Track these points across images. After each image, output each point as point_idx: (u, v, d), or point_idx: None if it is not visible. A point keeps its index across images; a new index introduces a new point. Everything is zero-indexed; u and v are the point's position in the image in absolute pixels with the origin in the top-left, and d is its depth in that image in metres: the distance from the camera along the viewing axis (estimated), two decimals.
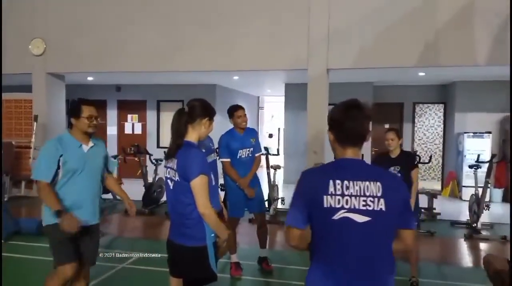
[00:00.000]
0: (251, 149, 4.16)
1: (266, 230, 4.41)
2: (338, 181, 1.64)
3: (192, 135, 2.31)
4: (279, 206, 7.32)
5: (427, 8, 6.57)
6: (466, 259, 5.33)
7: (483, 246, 5.67)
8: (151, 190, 7.16)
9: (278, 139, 15.14)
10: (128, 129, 11.20)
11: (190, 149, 2.24)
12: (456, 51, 6.51)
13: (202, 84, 10.11)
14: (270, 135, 16.05)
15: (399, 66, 7.00)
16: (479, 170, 6.33)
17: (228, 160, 4.10)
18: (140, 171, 7.45)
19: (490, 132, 8.66)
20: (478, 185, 6.23)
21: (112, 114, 11.24)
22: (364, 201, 1.62)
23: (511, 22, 5.27)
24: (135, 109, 11.05)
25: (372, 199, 1.62)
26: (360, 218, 1.61)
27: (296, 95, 9.89)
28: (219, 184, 4.12)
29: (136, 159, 7.75)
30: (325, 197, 1.63)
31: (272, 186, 6.96)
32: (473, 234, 5.88)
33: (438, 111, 11.12)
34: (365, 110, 1.73)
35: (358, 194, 1.62)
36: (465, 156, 8.50)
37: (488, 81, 8.72)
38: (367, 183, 1.63)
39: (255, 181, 4.28)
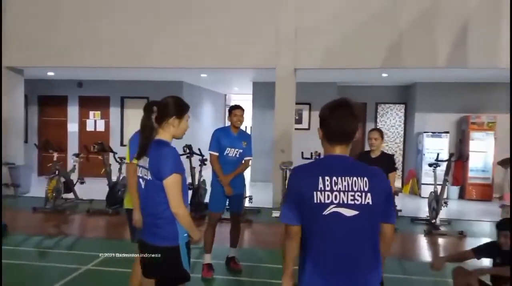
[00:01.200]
0: (241, 150, 4.18)
1: (239, 230, 4.47)
2: (327, 177, 1.70)
3: (164, 134, 2.26)
4: (247, 204, 7.33)
5: (392, 11, 6.79)
6: (426, 254, 5.56)
7: (441, 241, 5.93)
8: (115, 189, 6.98)
9: None
10: (90, 127, 10.85)
11: (163, 147, 2.19)
12: (418, 53, 6.78)
13: (168, 81, 9.95)
14: None
15: (364, 67, 7.19)
16: (437, 168, 6.61)
17: (216, 153, 4.13)
18: (103, 169, 7.24)
19: (448, 132, 9.06)
20: (437, 183, 6.51)
21: (73, 111, 10.85)
22: (352, 195, 1.69)
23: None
24: (97, 105, 10.71)
25: (359, 194, 1.69)
26: (348, 212, 1.68)
27: (263, 94, 9.94)
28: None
29: (99, 157, 7.53)
30: (315, 193, 1.69)
31: None
32: (432, 230, 6.14)
33: (399, 111, 11.50)
34: (353, 110, 1.77)
35: (346, 189, 1.69)
36: (424, 154, 8.86)
37: (447, 83, 9.12)
38: (355, 178, 1.70)
39: (241, 182, 4.34)
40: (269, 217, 6.88)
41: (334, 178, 1.70)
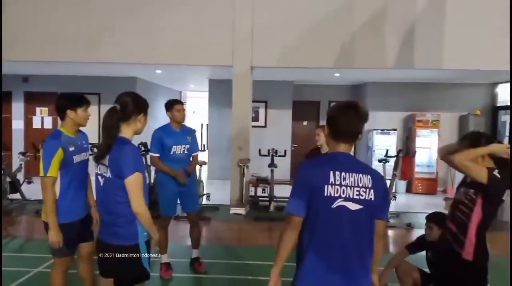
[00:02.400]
0: (187, 146, 4.05)
1: (200, 230, 4.34)
2: (337, 172, 1.82)
3: (126, 132, 2.23)
4: (204, 201, 7.33)
5: (344, 13, 7.02)
6: None
7: (391, 233, 6.25)
8: None
9: (201, 136, 15.08)
10: (36, 124, 10.31)
11: (124, 145, 2.16)
12: (368, 54, 7.05)
13: (121, 76, 9.67)
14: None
15: (317, 67, 7.38)
16: (387, 163, 6.94)
17: (157, 154, 3.98)
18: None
19: (395, 130, 9.53)
20: (386, 178, 6.83)
21: (18, 107, 10.26)
22: (357, 191, 1.82)
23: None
24: (45, 102, 10.19)
25: (364, 190, 1.83)
26: (353, 206, 1.81)
27: (220, 91, 9.94)
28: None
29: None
30: (326, 186, 1.80)
31: (198, 182, 6.91)
32: None
33: None
34: (361, 112, 1.90)
35: (353, 184, 1.82)
36: (374, 151, 9.26)
37: (395, 82, 9.57)
38: (360, 175, 1.84)
39: (191, 179, 4.18)
40: (227, 214, 6.91)
41: (343, 173, 1.83)
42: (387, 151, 7.45)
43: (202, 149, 7.86)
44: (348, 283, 1.83)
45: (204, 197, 7.22)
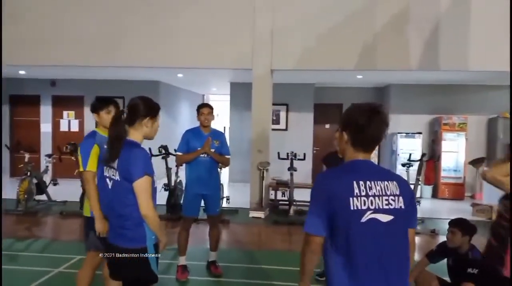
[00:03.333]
0: (214, 150, 4.08)
1: (219, 233, 4.37)
2: (361, 182, 1.63)
3: (135, 135, 2.23)
4: (224, 204, 7.33)
5: (366, 14, 6.90)
6: None
7: (416, 239, 6.07)
8: None
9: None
10: (64, 127, 10.61)
11: (133, 148, 2.16)
12: (391, 56, 6.91)
13: (144, 80, 9.84)
14: None
15: (338, 69, 7.28)
16: (410, 168, 6.76)
17: (181, 153, 4.06)
18: (77, 170, 7.08)
19: (420, 133, 9.28)
20: (410, 182, 6.65)
21: (46, 111, 10.59)
22: (386, 200, 1.63)
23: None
24: (71, 105, 10.49)
25: (393, 198, 1.64)
26: (385, 218, 1.62)
27: (241, 94, 9.95)
28: (162, 184, 4.08)
29: (72, 158, 7.37)
30: (351, 199, 1.60)
31: None
32: None
33: None
34: (386, 117, 1.71)
35: (381, 193, 1.63)
36: (398, 154, 9.05)
37: (419, 85, 9.34)
38: (386, 182, 1.66)
39: (216, 184, 4.26)
40: (246, 217, 6.89)
41: (368, 182, 1.63)
42: (409, 154, 7.27)
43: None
44: None
45: (224, 199, 7.22)
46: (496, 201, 2.62)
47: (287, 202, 7.23)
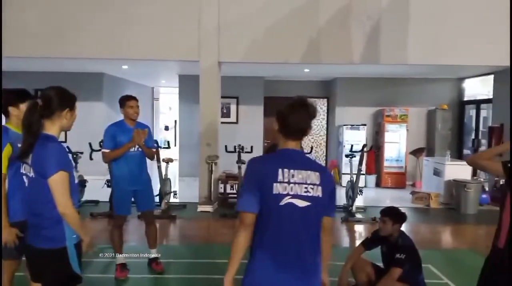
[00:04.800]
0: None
1: (155, 229, 4.21)
2: (286, 170, 1.82)
3: (51, 128, 2.11)
4: (172, 199, 7.22)
5: (311, 7, 6.99)
6: (342, 240, 5.86)
7: (357, 227, 6.30)
8: None
9: (175, 132, 14.86)
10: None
11: (48, 142, 2.05)
12: (335, 50, 7.06)
13: (88, 72, 9.44)
14: (166, 128, 15.68)
15: (285, 62, 7.35)
16: (353, 158, 6.98)
17: (108, 150, 3.85)
18: None
19: (365, 125, 9.60)
20: (353, 172, 6.88)
21: None
22: (305, 188, 1.82)
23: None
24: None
25: (312, 186, 1.83)
26: (301, 203, 1.81)
27: (190, 87, 9.77)
28: (105, 180, 3.93)
29: None
30: (274, 184, 1.79)
31: (164, 180, 6.82)
32: (348, 217, 6.49)
33: (322, 105, 11.93)
34: (310, 109, 1.90)
35: (301, 181, 1.82)
36: (344, 146, 9.30)
37: (364, 78, 9.64)
38: (309, 172, 1.84)
39: (146, 177, 4.06)
40: (195, 212, 6.83)
41: (292, 171, 1.82)
42: (351, 146, 7.51)
43: (167, 146, 7.73)
44: (298, 281, 1.82)
45: (171, 194, 7.10)
46: (433, 189, 2.78)
47: (236, 195, 7.24)
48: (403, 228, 3.48)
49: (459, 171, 7.38)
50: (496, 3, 6.77)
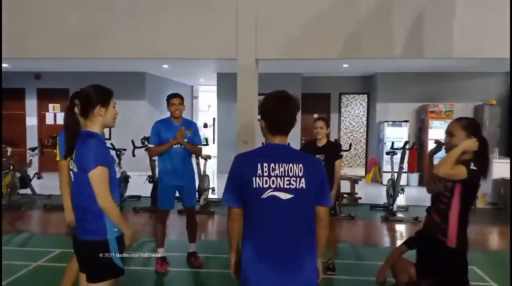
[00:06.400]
0: (187, 140, 4.03)
1: (196, 224, 4.32)
2: (265, 164, 1.85)
3: (92, 126, 2.19)
4: (210, 196, 7.32)
5: (350, 1, 6.84)
6: (382, 239, 5.72)
7: (398, 227, 6.12)
8: None
9: (213, 130, 15.08)
10: (49, 120, 10.51)
11: (89, 138, 2.12)
12: (375, 44, 6.84)
13: (131, 72, 9.75)
14: (205, 125, 15.92)
15: (323, 58, 7.23)
16: (395, 156, 6.77)
17: (153, 145, 4.00)
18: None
19: (407, 121, 9.30)
20: (394, 170, 6.68)
21: (31, 104, 10.48)
22: (288, 180, 1.83)
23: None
24: (56, 98, 10.38)
25: (294, 179, 1.84)
26: (284, 195, 1.83)
27: (227, 85, 9.89)
28: (147, 176, 4.06)
29: (55, 150, 7.32)
30: (254, 178, 1.83)
31: (203, 176, 6.93)
32: (389, 216, 6.31)
33: (362, 101, 11.71)
34: (293, 102, 1.92)
35: (283, 174, 1.84)
36: (385, 143, 9.06)
37: (406, 73, 9.32)
38: (291, 164, 1.85)
39: (189, 173, 4.17)
40: None
41: (272, 164, 1.84)
42: (392, 143, 7.29)
43: (205, 143, 7.82)
44: (282, 273, 1.83)
45: (210, 190, 7.20)
46: (480, 188, 2.79)
47: None
48: None
49: (508, 169, 6.99)
50: None
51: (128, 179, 7.29)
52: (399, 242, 5.41)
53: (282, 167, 1.84)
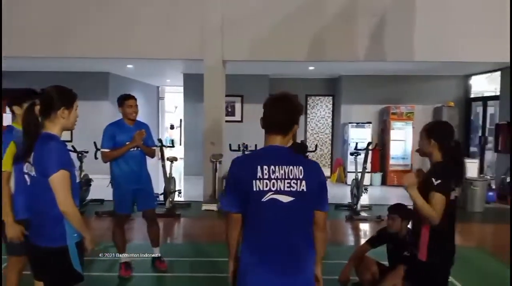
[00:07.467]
0: (141, 143, 3.92)
1: (157, 228, 4.20)
2: (265, 167, 1.80)
3: (52, 128, 2.12)
4: (176, 198, 7.23)
5: (315, 4, 6.95)
6: (347, 238, 5.84)
7: (362, 226, 6.27)
8: None
9: (180, 131, 14.90)
10: (7, 122, 10.03)
11: (49, 141, 2.05)
12: (340, 47, 7.01)
13: (94, 72, 9.49)
14: (172, 127, 15.72)
15: (290, 60, 7.32)
16: (358, 156, 6.94)
17: (108, 150, 3.83)
18: None
19: (370, 123, 9.55)
20: (358, 170, 6.85)
21: None
22: (288, 183, 1.79)
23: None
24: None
25: (295, 181, 1.80)
26: (285, 198, 1.79)
27: (194, 86, 9.80)
28: (110, 179, 3.94)
29: None
30: (254, 181, 1.79)
31: (168, 179, 6.83)
32: (353, 215, 6.46)
33: (328, 103, 11.91)
34: (287, 102, 1.88)
35: (283, 177, 1.80)
36: (349, 144, 9.25)
37: (369, 75, 9.58)
38: (291, 167, 1.81)
39: (147, 176, 4.05)
40: (199, 211, 6.84)
41: (272, 167, 1.81)
42: (356, 144, 7.47)
43: (172, 145, 7.76)
44: (281, 276, 1.80)
45: (176, 193, 7.12)
46: None
47: None
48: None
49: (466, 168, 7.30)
50: None
51: (90, 182, 7.08)
52: (363, 241, 5.55)
53: (282, 169, 1.80)
